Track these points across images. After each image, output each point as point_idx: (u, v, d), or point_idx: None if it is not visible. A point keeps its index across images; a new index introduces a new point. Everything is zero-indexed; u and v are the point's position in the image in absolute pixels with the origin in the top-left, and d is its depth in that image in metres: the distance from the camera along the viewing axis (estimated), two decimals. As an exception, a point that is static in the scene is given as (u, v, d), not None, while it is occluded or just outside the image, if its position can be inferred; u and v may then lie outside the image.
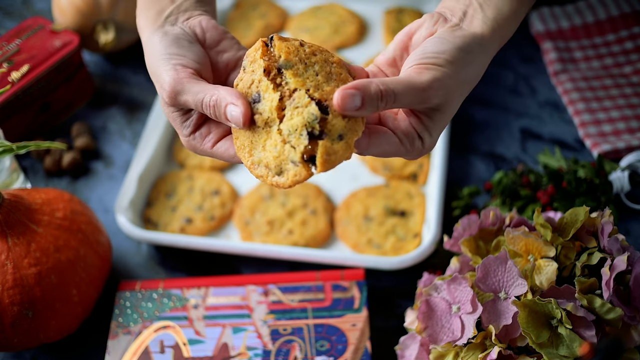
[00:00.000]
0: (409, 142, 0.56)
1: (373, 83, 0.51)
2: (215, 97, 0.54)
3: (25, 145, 0.70)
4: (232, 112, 0.54)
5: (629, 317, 0.60)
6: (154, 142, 0.92)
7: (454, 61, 0.55)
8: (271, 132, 0.54)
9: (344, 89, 0.51)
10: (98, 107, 1.02)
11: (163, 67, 0.57)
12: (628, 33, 1.01)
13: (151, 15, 0.61)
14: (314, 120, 0.51)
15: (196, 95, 0.55)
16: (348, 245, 0.84)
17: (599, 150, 0.89)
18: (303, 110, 0.52)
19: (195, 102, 0.55)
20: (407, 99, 0.53)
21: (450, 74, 0.54)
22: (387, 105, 0.52)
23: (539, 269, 0.62)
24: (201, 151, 0.59)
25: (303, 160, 0.52)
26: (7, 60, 0.92)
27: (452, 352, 0.62)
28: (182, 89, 0.56)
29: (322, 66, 0.55)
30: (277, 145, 0.53)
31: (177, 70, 0.56)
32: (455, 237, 0.70)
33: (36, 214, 0.72)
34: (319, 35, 1.07)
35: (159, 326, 0.75)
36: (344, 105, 0.51)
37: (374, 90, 0.51)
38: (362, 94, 0.51)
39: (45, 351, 0.77)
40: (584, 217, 0.63)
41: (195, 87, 0.56)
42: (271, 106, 0.53)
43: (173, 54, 0.58)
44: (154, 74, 0.58)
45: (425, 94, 0.53)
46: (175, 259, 0.85)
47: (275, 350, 0.73)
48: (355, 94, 0.51)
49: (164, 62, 0.57)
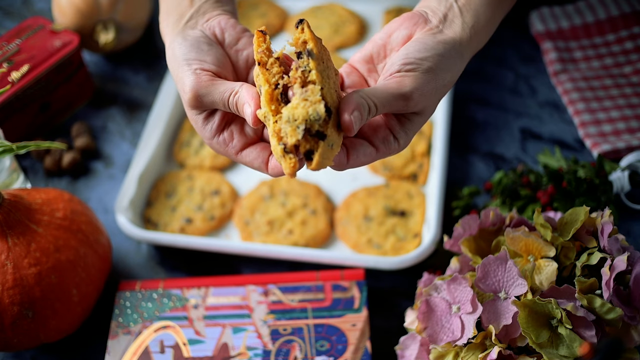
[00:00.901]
0: (385, 146, 0.57)
1: (364, 102, 0.53)
2: (237, 96, 0.56)
3: (25, 145, 0.70)
4: (246, 110, 0.55)
5: (629, 317, 0.60)
6: (154, 142, 0.92)
7: (435, 68, 0.56)
8: (270, 128, 0.54)
9: (350, 111, 0.52)
10: (98, 107, 1.02)
11: (184, 73, 0.58)
12: (628, 33, 1.01)
13: (172, 21, 0.63)
14: (317, 120, 0.51)
15: (222, 94, 0.56)
16: (348, 245, 0.84)
17: (599, 150, 0.89)
18: (311, 105, 0.51)
19: (222, 101, 0.57)
20: (391, 108, 0.55)
21: (431, 81, 0.56)
22: (371, 116, 0.54)
23: (539, 269, 0.62)
24: (225, 155, 0.60)
25: (289, 152, 0.52)
26: (7, 60, 0.92)
27: (452, 352, 0.62)
28: (207, 91, 0.57)
29: (330, 70, 0.56)
30: (272, 140, 0.54)
31: (197, 74, 0.58)
32: (455, 237, 0.70)
33: (36, 214, 0.72)
34: (319, 35, 1.07)
35: (159, 326, 0.75)
36: (352, 127, 0.52)
37: (366, 108, 0.53)
38: (360, 113, 0.53)
39: (45, 351, 0.77)
40: (584, 217, 0.63)
41: (220, 87, 0.57)
42: (264, 100, 0.54)
43: (192, 58, 0.59)
44: (177, 79, 0.59)
45: (408, 102, 0.55)
46: (175, 259, 0.85)
47: (275, 350, 0.73)
48: (359, 116, 0.53)
49: (184, 68, 0.58)
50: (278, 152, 0.53)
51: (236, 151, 0.59)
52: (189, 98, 0.58)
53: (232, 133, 0.59)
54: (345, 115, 0.52)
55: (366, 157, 0.57)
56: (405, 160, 0.91)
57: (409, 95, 0.55)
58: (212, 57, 0.59)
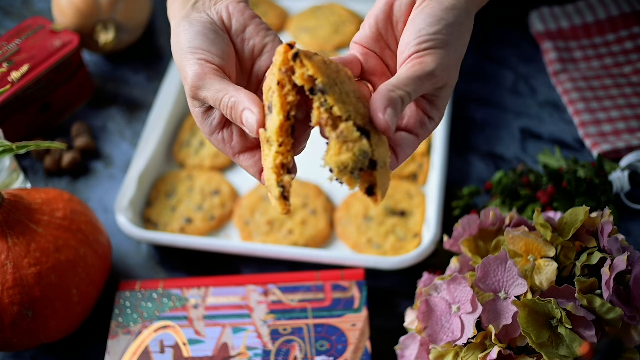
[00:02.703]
0: (423, 130, 0.56)
1: (396, 95, 0.51)
2: (235, 99, 0.54)
3: (25, 145, 0.70)
4: (248, 118, 0.54)
5: (629, 317, 0.60)
6: (154, 142, 0.92)
7: (450, 40, 0.55)
8: (270, 153, 0.53)
9: (383, 112, 0.51)
10: (98, 107, 1.02)
11: (188, 61, 0.57)
12: (628, 33, 1.01)
13: (179, 2, 0.60)
14: (366, 158, 0.50)
15: (217, 93, 0.55)
16: (348, 245, 0.84)
17: (599, 150, 0.89)
18: (354, 146, 0.50)
19: (214, 100, 0.55)
20: (420, 92, 0.54)
21: (450, 53, 0.55)
22: (406, 106, 0.53)
23: (539, 269, 0.62)
24: (223, 152, 0.60)
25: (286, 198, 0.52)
26: (7, 60, 0.92)
27: (452, 352, 0.62)
28: (204, 84, 0.55)
29: (348, 84, 0.53)
30: (268, 172, 0.53)
31: (201, 65, 0.56)
32: (455, 237, 0.70)
33: (36, 214, 0.72)
34: (319, 35, 1.07)
35: (159, 326, 0.75)
36: (391, 126, 0.51)
37: (398, 100, 0.51)
38: (394, 108, 0.51)
39: (45, 351, 0.77)
40: (584, 217, 0.63)
41: (217, 85, 0.55)
42: (274, 127, 0.52)
43: (197, 48, 0.57)
44: (180, 67, 0.58)
45: (434, 80, 0.54)
46: (175, 259, 0.85)
47: (275, 350, 0.73)
48: (394, 113, 0.51)
49: (188, 56, 0.57)
50: (275, 193, 0.52)
51: (234, 153, 0.59)
52: (189, 87, 0.56)
53: (232, 133, 0.58)
54: (380, 116, 0.51)
55: (410, 148, 0.56)
56: (405, 160, 0.91)
57: (434, 73, 0.53)
58: (218, 48, 0.58)
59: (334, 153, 0.50)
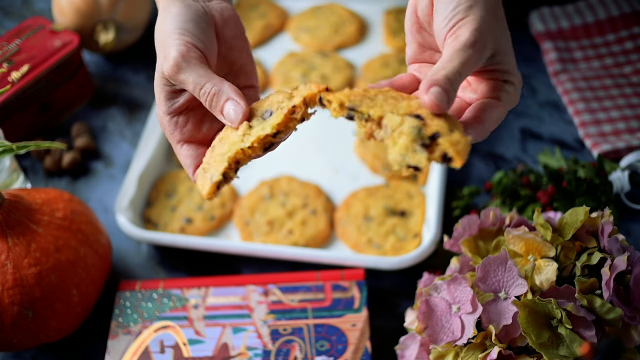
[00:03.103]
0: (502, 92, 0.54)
1: (438, 73, 0.51)
2: (218, 87, 0.54)
3: (25, 145, 0.70)
4: (232, 109, 0.54)
5: (629, 317, 0.60)
6: (154, 142, 0.92)
7: (472, 4, 0.53)
8: (235, 143, 0.54)
9: (426, 91, 0.50)
10: (98, 107, 1.02)
11: (174, 39, 0.56)
12: (628, 33, 1.01)
13: None
14: (419, 131, 0.50)
15: (199, 77, 0.55)
16: (348, 245, 0.84)
17: (599, 150, 0.89)
18: (402, 128, 0.50)
19: (195, 83, 0.55)
20: (467, 65, 0.52)
21: (480, 15, 0.53)
22: (458, 83, 0.51)
23: (539, 269, 0.62)
24: (167, 135, 0.59)
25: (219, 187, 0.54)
26: (7, 60, 0.92)
27: (452, 352, 0.62)
28: (188, 67, 0.55)
29: (387, 96, 0.54)
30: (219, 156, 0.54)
31: (187, 48, 0.55)
32: (455, 237, 0.70)
33: (36, 214, 0.72)
34: (319, 35, 1.07)
35: (159, 326, 0.75)
36: (439, 103, 0.50)
37: (442, 78, 0.50)
38: (439, 86, 0.50)
39: (45, 351, 0.77)
40: (584, 217, 0.63)
41: (201, 70, 0.55)
42: (261, 132, 0.53)
43: (188, 31, 0.56)
44: (162, 43, 0.57)
45: (477, 46, 0.52)
46: (175, 259, 0.85)
47: (275, 350, 0.73)
48: (438, 89, 0.50)
49: (176, 35, 0.56)
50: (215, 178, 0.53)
51: (178, 140, 0.58)
52: (169, 65, 0.55)
53: (188, 120, 0.58)
54: (424, 97, 0.50)
55: (492, 108, 0.54)
56: (405, 160, 0.91)
57: (472, 39, 0.51)
58: (208, 40, 0.57)
59: (392, 145, 0.51)
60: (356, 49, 1.07)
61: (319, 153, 0.94)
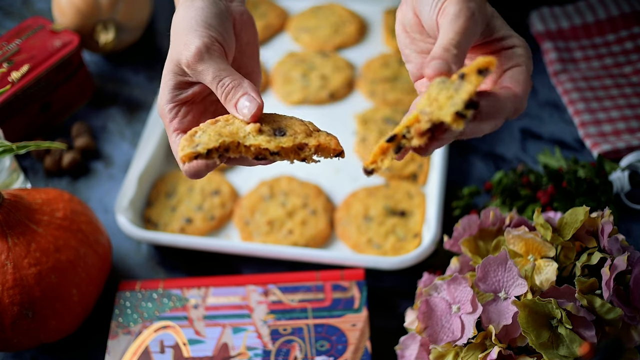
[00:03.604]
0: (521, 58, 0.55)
1: (435, 50, 0.51)
2: (238, 82, 0.55)
3: (25, 145, 0.70)
4: (246, 104, 0.54)
5: (629, 317, 0.60)
6: (154, 142, 0.92)
7: None
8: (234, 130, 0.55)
9: (428, 63, 0.50)
10: (98, 107, 1.02)
11: (199, 31, 0.56)
12: (628, 33, 1.01)
13: None
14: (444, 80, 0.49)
15: (220, 71, 0.55)
16: (348, 245, 0.84)
17: (599, 150, 0.89)
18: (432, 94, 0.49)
19: (214, 75, 0.55)
20: (464, 34, 0.52)
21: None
22: (460, 51, 0.51)
23: (539, 269, 0.62)
24: (166, 123, 0.58)
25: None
26: (7, 60, 0.92)
27: (452, 352, 0.62)
28: (210, 58, 0.55)
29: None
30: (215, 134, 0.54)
31: (212, 41, 0.56)
32: (455, 237, 0.70)
33: (36, 214, 0.72)
34: (319, 35, 1.07)
35: (159, 326, 0.75)
36: (439, 70, 0.50)
37: (439, 50, 0.50)
38: (437, 58, 0.50)
39: (45, 351, 0.77)
40: (584, 217, 0.63)
41: (222, 64, 0.56)
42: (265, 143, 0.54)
43: (212, 26, 0.57)
44: (184, 32, 0.57)
45: (467, 14, 0.52)
46: (175, 259, 0.85)
47: (275, 350, 0.73)
48: (436, 62, 0.50)
49: (202, 28, 0.56)
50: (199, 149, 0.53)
51: (177, 129, 0.58)
52: (190, 53, 0.55)
53: (189, 112, 0.58)
54: (427, 70, 0.50)
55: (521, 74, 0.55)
56: (405, 160, 0.91)
57: (461, 10, 0.52)
58: (228, 37, 0.58)
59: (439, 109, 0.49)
60: (356, 49, 1.07)
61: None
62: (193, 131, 0.55)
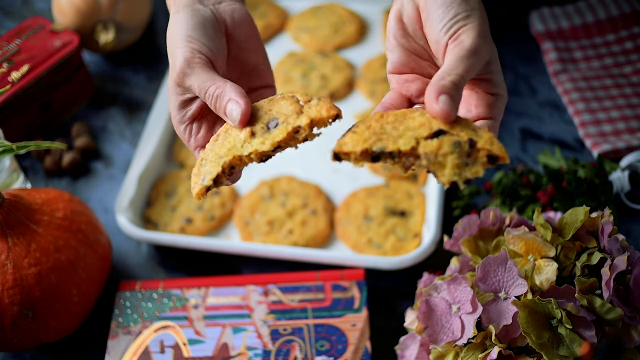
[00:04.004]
0: (495, 110, 0.55)
1: (445, 79, 0.51)
2: (221, 89, 0.55)
3: (25, 145, 0.70)
4: (233, 109, 0.55)
5: (629, 317, 0.60)
6: (154, 142, 0.92)
7: (471, 13, 0.54)
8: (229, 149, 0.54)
9: (434, 101, 0.50)
10: (98, 107, 1.02)
11: (180, 48, 0.57)
12: (628, 33, 1.01)
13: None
14: (459, 145, 0.50)
15: (204, 82, 0.56)
16: (348, 245, 0.84)
17: (599, 150, 0.89)
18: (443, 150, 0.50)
19: (200, 88, 0.56)
20: (471, 71, 0.52)
21: (479, 24, 0.53)
22: (462, 88, 0.52)
23: (539, 269, 0.62)
24: (186, 143, 0.60)
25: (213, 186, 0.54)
26: (7, 60, 0.92)
27: (452, 352, 0.62)
28: (192, 72, 0.56)
29: (391, 122, 0.53)
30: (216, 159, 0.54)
31: (192, 53, 0.57)
32: (455, 237, 0.70)
33: (36, 214, 0.72)
34: (319, 35, 1.07)
35: (159, 326, 0.75)
36: (448, 111, 0.50)
37: (448, 84, 0.51)
38: (445, 94, 0.50)
39: (45, 351, 0.77)
40: (584, 217, 0.63)
41: (205, 74, 0.56)
42: (261, 146, 0.53)
43: (194, 37, 0.58)
44: (171, 51, 0.58)
45: (479, 54, 0.53)
46: (175, 259, 0.85)
47: (275, 350, 0.73)
48: (446, 97, 0.50)
49: (183, 43, 0.57)
50: (206, 182, 0.54)
51: (196, 146, 0.59)
52: (176, 74, 0.57)
53: (201, 127, 0.59)
54: (434, 106, 0.51)
55: (494, 133, 0.55)
56: (405, 160, 0.91)
57: (476, 46, 0.52)
58: (213, 43, 0.58)
59: (440, 169, 0.51)
60: (356, 49, 1.07)
61: (319, 153, 0.94)
62: (199, 163, 0.56)
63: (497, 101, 0.56)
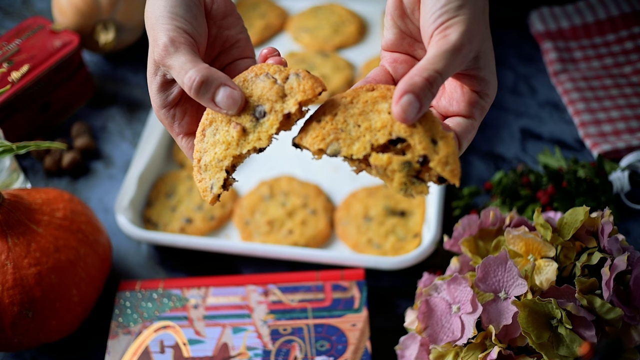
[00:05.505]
0: (477, 109, 0.53)
1: (419, 75, 0.49)
2: (208, 75, 0.52)
3: (25, 145, 0.70)
4: (227, 94, 0.52)
5: (629, 317, 0.60)
6: (154, 142, 0.92)
7: (464, 4, 0.51)
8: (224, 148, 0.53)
9: (397, 101, 0.48)
10: (98, 107, 1.02)
11: (164, 24, 0.54)
12: (628, 33, 1.01)
13: None
14: (410, 165, 0.49)
15: (185, 64, 0.52)
16: (348, 245, 0.84)
17: (599, 150, 0.89)
18: (392, 166, 0.50)
19: (179, 69, 0.52)
20: (451, 68, 0.50)
21: (470, 17, 0.51)
22: (438, 86, 0.49)
23: (539, 269, 0.62)
24: (167, 128, 0.57)
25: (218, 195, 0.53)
26: (7, 60, 0.92)
27: (452, 352, 0.62)
28: (176, 52, 0.52)
29: (362, 106, 0.52)
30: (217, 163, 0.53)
31: (178, 33, 0.53)
32: (455, 237, 0.70)
33: (36, 214, 0.72)
34: (319, 35, 1.07)
35: (159, 326, 0.75)
36: (407, 116, 0.49)
37: (420, 82, 0.48)
38: (413, 93, 0.48)
39: (45, 351, 0.77)
40: (584, 217, 0.63)
41: (189, 56, 0.53)
42: (269, 132, 0.52)
43: (179, 15, 0.54)
44: (152, 28, 0.55)
45: (463, 50, 0.50)
46: (175, 259, 0.85)
47: (275, 350, 0.73)
48: (410, 98, 0.48)
49: (166, 20, 0.54)
50: (215, 190, 0.53)
51: (179, 132, 0.56)
52: (159, 50, 0.53)
53: (185, 112, 0.56)
54: (394, 106, 0.49)
55: (469, 132, 0.53)
56: (405, 160, 0.91)
57: (460, 43, 0.49)
58: (198, 24, 0.55)
59: (388, 182, 0.51)
60: (356, 49, 1.07)
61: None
62: (197, 167, 0.54)
63: (480, 100, 0.54)
